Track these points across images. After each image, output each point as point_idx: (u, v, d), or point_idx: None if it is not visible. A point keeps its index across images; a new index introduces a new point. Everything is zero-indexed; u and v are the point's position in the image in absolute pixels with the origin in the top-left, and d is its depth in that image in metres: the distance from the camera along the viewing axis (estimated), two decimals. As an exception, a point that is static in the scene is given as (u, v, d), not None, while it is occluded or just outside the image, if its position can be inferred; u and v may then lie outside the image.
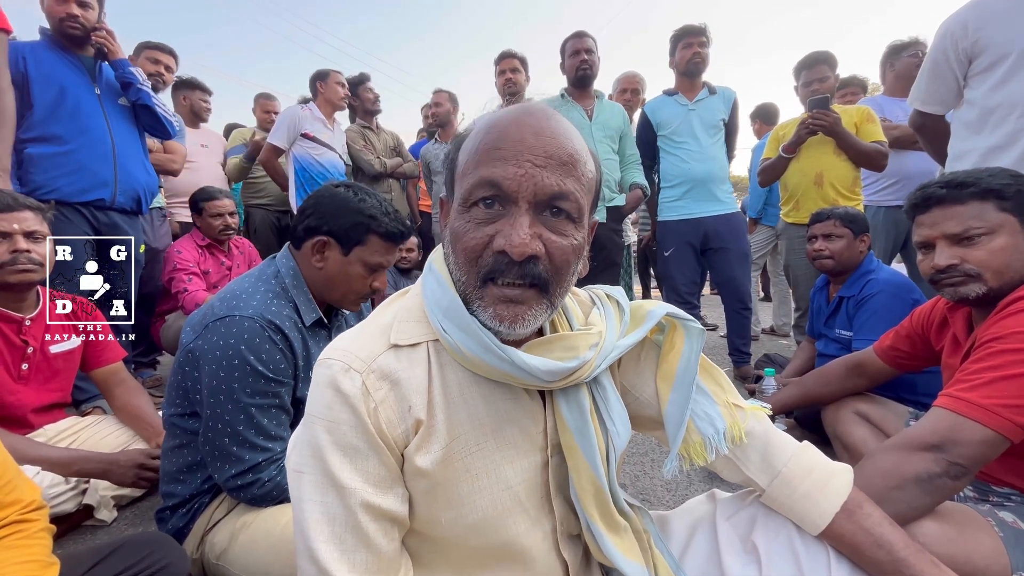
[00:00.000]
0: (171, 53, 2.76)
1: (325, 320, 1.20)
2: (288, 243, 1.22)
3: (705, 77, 2.73)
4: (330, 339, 1.22)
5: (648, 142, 2.78)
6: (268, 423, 1.04)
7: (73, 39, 2.06)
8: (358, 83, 3.46)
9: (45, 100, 1.98)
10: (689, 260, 2.70)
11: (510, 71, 3.08)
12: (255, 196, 3.39)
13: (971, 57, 1.54)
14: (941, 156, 1.76)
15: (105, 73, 2.17)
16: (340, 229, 1.14)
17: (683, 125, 2.65)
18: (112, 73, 2.17)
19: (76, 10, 2.01)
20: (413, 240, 3.20)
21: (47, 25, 2.05)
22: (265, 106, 3.79)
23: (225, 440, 1.02)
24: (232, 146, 3.43)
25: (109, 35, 2.09)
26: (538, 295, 0.56)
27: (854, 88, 3.41)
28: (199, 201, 2.51)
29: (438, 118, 3.57)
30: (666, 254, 2.74)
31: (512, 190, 0.54)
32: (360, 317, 1.39)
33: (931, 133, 1.77)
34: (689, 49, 2.64)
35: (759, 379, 2.42)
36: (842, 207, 2.05)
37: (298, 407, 1.12)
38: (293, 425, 1.12)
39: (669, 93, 2.75)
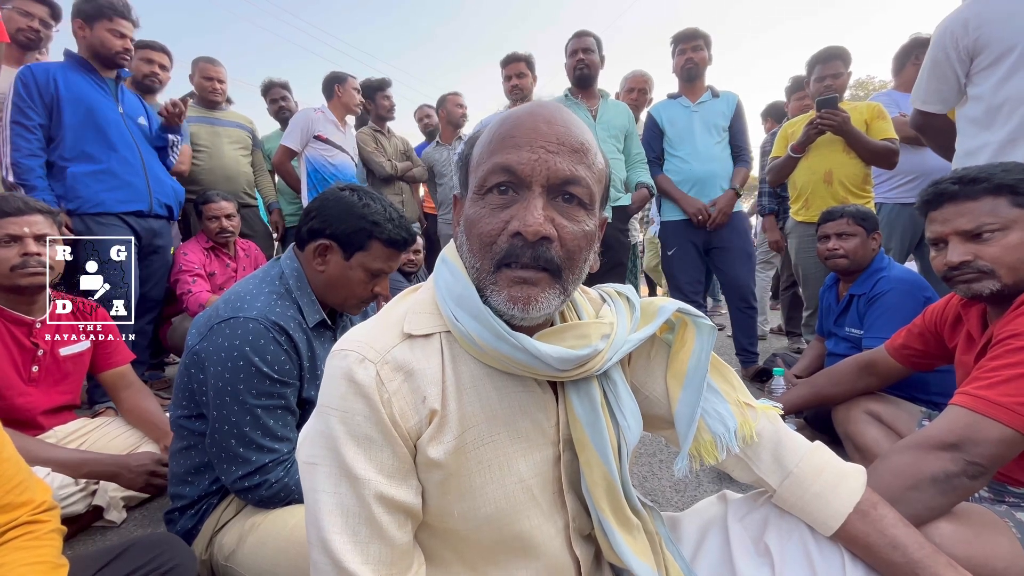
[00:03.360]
0: (164, 51, 2.76)
1: (329, 322, 1.20)
2: (292, 244, 1.22)
3: (710, 80, 2.72)
4: (335, 339, 1.22)
5: (654, 142, 2.79)
6: (274, 424, 1.04)
7: (108, 64, 2.19)
8: (377, 89, 3.44)
9: (75, 121, 2.09)
10: (693, 259, 2.71)
11: (516, 76, 3.06)
12: (194, 193, 2.78)
13: (972, 55, 1.54)
14: (947, 153, 1.75)
15: (126, 96, 2.31)
16: (342, 234, 1.13)
17: (686, 127, 2.66)
18: (131, 95, 2.36)
19: (130, 45, 2.22)
20: (420, 242, 3.20)
21: (70, 49, 2.19)
22: (206, 71, 2.97)
23: (231, 442, 1.02)
24: None
25: (181, 113, 2.38)
26: (551, 279, 0.57)
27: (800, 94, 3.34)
28: (197, 204, 2.54)
29: (465, 120, 3.65)
30: (669, 253, 2.75)
31: (526, 174, 0.56)
32: (364, 316, 1.39)
33: (935, 132, 1.77)
34: (683, 56, 2.66)
35: (764, 372, 2.40)
36: (852, 205, 2.03)
37: (304, 408, 1.12)
38: (299, 426, 1.12)
39: (673, 96, 2.77)
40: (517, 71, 3.06)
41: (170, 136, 2.41)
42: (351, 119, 3.33)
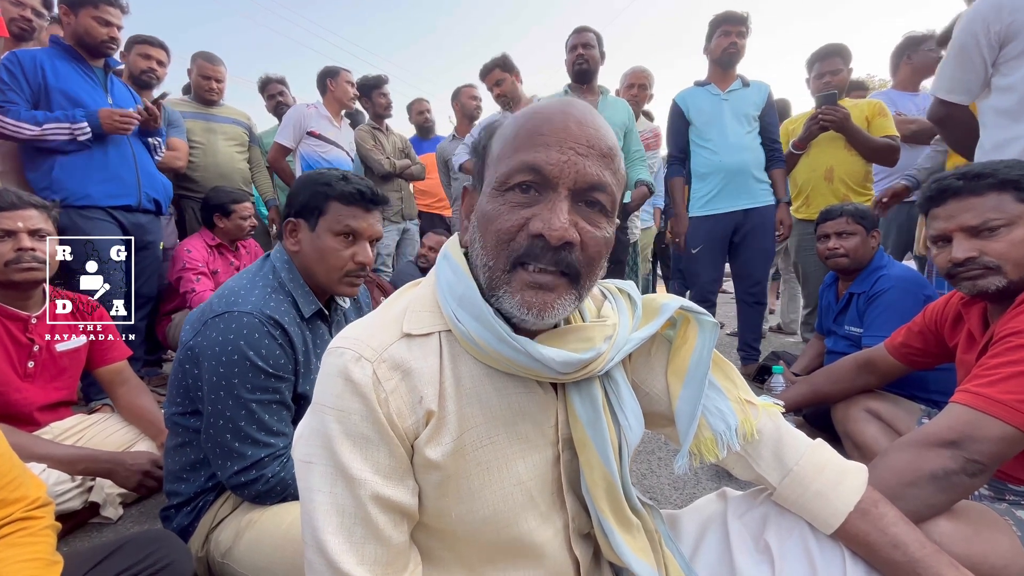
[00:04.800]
0: (162, 47, 2.73)
1: (325, 312, 1.19)
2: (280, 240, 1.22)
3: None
4: (331, 333, 1.22)
5: (679, 133, 2.64)
6: (269, 419, 1.04)
7: (94, 52, 2.13)
8: (373, 86, 3.40)
9: (65, 110, 2.03)
10: (716, 259, 2.61)
11: (494, 85, 2.92)
12: (187, 190, 2.87)
13: (1003, 42, 1.47)
14: (966, 148, 1.67)
15: (116, 86, 2.26)
16: (302, 206, 1.14)
17: (715, 116, 2.51)
18: (120, 85, 2.30)
19: (116, 33, 2.14)
20: (440, 239, 3.17)
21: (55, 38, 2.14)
22: (204, 69, 2.90)
23: (227, 436, 1.01)
24: None
25: (155, 117, 2.25)
26: (568, 285, 0.55)
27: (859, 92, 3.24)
28: (227, 204, 2.52)
29: (480, 112, 3.62)
30: (694, 251, 2.64)
31: (554, 175, 0.54)
32: (359, 311, 1.38)
33: (956, 124, 1.67)
34: (727, 38, 2.48)
35: (763, 371, 2.40)
36: (851, 204, 2.03)
37: (299, 403, 1.11)
38: (295, 421, 1.11)
39: (700, 83, 2.61)
40: (494, 80, 2.91)
41: (149, 140, 2.34)
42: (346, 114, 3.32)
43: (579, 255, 0.55)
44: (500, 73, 2.89)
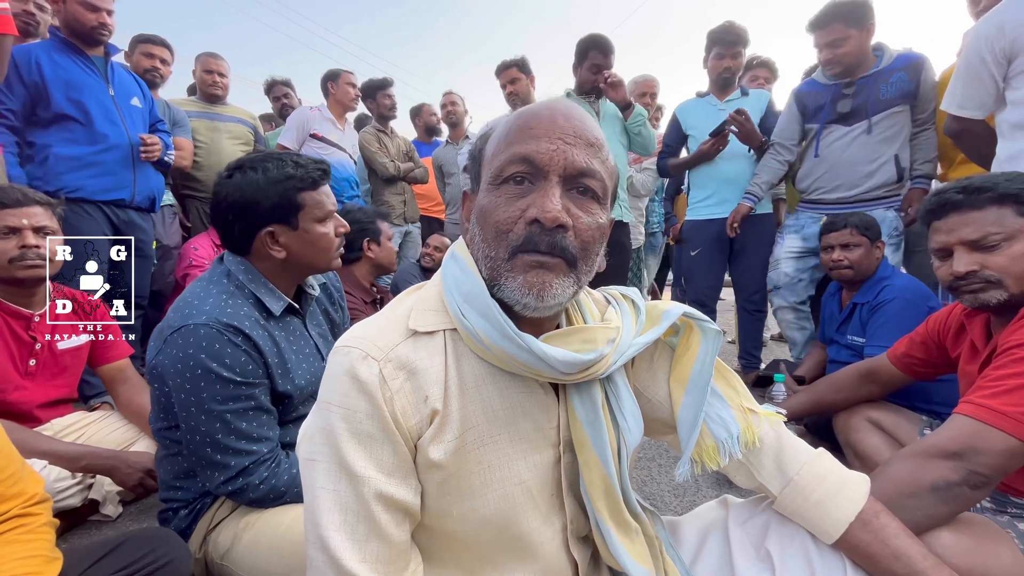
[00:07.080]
0: (166, 46, 2.73)
1: (295, 306, 1.16)
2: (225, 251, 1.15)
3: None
4: (304, 326, 1.19)
5: (676, 144, 2.75)
6: (247, 426, 1.01)
7: (88, 40, 2.10)
8: (378, 88, 3.44)
9: (63, 103, 2.02)
10: (714, 264, 2.65)
11: (509, 83, 3.01)
12: (192, 189, 2.95)
13: (1010, 57, 1.50)
14: (984, 159, 1.70)
15: (117, 75, 2.22)
16: (272, 210, 1.08)
17: (713, 125, 2.55)
18: (123, 74, 2.26)
19: (107, 19, 2.10)
20: (444, 240, 3.18)
21: (53, 28, 2.12)
22: (207, 64, 2.96)
23: (207, 450, 0.99)
24: None
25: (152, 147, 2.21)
26: (566, 267, 0.57)
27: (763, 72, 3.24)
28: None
29: (454, 117, 3.65)
30: (692, 254, 2.69)
31: (544, 163, 0.56)
32: (329, 297, 1.35)
33: (972, 137, 1.71)
34: (720, 61, 2.56)
35: (763, 380, 2.40)
36: (855, 214, 2.02)
37: (283, 402, 1.09)
38: (284, 422, 1.10)
39: (701, 95, 2.71)
40: (509, 78, 3.01)
41: (165, 158, 2.32)
42: (351, 117, 3.33)
43: (572, 240, 0.57)
44: (516, 72, 3.00)
